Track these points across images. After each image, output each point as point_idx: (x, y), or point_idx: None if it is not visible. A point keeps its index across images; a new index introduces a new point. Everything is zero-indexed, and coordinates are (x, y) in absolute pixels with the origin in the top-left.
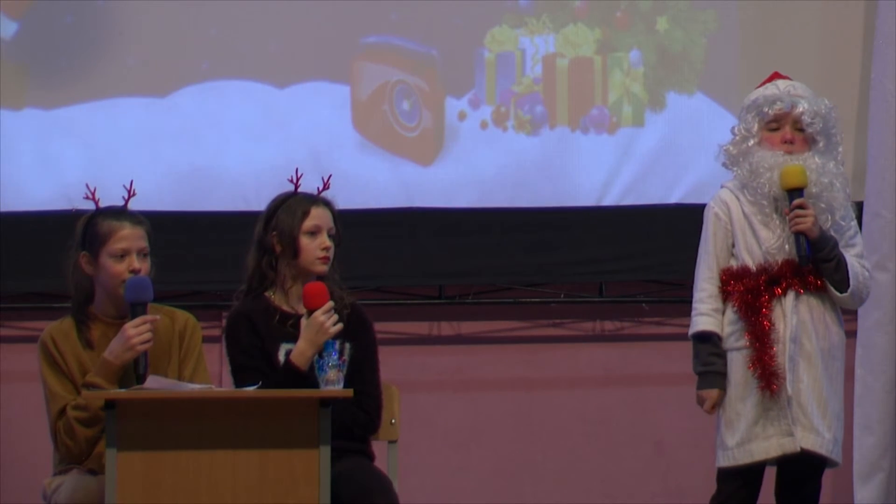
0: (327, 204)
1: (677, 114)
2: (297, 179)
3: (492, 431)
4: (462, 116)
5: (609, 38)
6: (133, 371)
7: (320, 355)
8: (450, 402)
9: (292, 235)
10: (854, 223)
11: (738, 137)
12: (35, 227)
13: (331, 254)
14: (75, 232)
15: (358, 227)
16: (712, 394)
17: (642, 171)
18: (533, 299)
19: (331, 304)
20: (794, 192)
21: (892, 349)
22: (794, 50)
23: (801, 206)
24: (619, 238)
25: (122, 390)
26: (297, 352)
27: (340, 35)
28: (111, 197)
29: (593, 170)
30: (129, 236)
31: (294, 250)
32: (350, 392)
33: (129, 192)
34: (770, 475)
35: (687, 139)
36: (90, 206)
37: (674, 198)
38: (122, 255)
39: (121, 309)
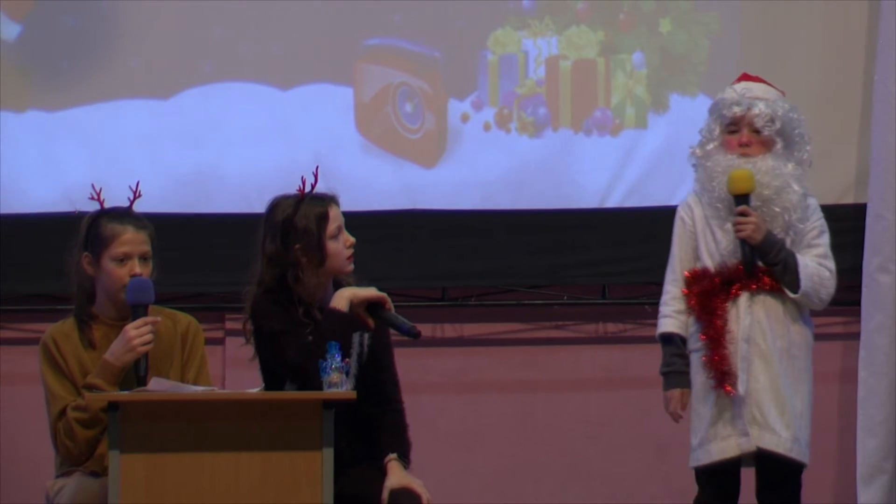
0: (333, 199)
1: (680, 116)
2: (303, 187)
3: (494, 433)
4: (465, 118)
5: (612, 40)
6: (134, 373)
7: (323, 357)
8: (452, 404)
9: (320, 245)
10: (819, 223)
11: (703, 140)
12: (37, 229)
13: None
14: (78, 231)
15: (361, 228)
16: (674, 394)
17: (645, 172)
18: (536, 301)
19: None
20: (740, 197)
21: (895, 352)
22: (797, 52)
23: (743, 213)
24: (621, 240)
25: (124, 392)
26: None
27: (343, 37)
28: (113, 199)
29: (596, 172)
30: (132, 240)
31: (322, 259)
32: (353, 394)
33: (134, 193)
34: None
35: (690, 141)
36: (94, 207)
37: (677, 200)
38: (124, 259)
39: (122, 311)
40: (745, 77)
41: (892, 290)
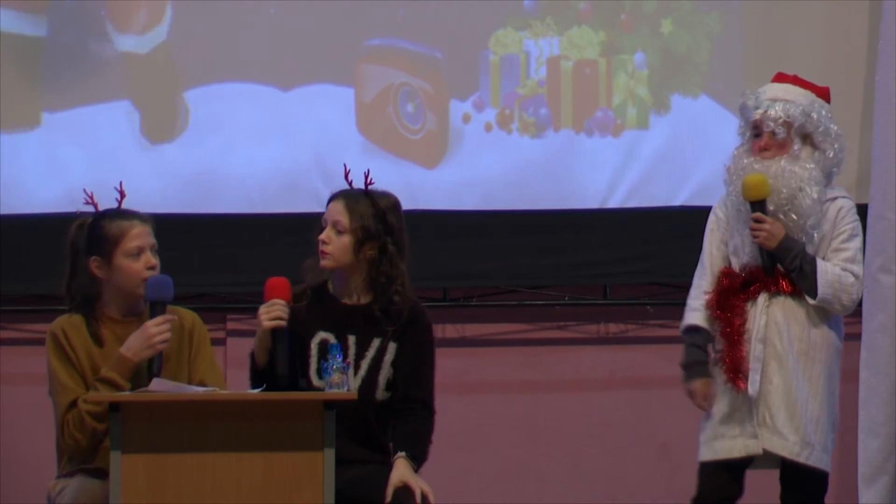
0: (346, 197)
1: (682, 116)
2: (348, 174)
3: (496, 434)
4: (466, 119)
5: (613, 41)
6: (147, 370)
7: (325, 358)
8: (454, 405)
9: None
10: (850, 226)
11: (741, 142)
12: (37, 229)
13: (330, 248)
14: (72, 239)
15: None
16: (696, 385)
17: (647, 173)
18: (537, 302)
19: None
20: (756, 203)
21: None
22: (799, 52)
23: (758, 220)
24: (623, 240)
25: (131, 392)
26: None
27: (345, 38)
28: (114, 200)
29: (598, 172)
30: (141, 233)
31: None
32: (354, 395)
33: (120, 192)
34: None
35: (691, 142)
36: (91, 210)
37: (678, 200)
38: (138, 252)
39: (131, 307)
40: (779, 77)
41: (894, 290)
